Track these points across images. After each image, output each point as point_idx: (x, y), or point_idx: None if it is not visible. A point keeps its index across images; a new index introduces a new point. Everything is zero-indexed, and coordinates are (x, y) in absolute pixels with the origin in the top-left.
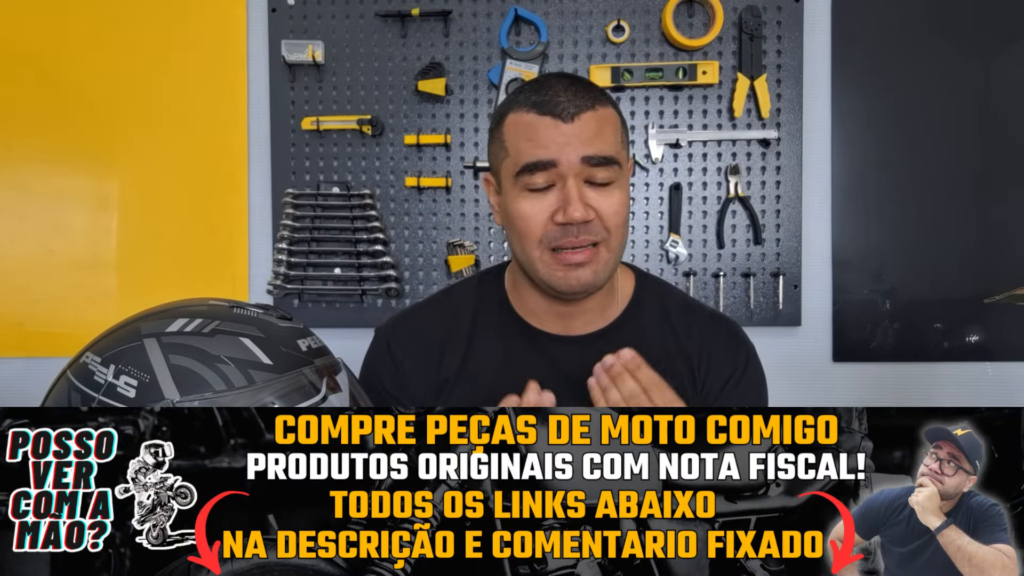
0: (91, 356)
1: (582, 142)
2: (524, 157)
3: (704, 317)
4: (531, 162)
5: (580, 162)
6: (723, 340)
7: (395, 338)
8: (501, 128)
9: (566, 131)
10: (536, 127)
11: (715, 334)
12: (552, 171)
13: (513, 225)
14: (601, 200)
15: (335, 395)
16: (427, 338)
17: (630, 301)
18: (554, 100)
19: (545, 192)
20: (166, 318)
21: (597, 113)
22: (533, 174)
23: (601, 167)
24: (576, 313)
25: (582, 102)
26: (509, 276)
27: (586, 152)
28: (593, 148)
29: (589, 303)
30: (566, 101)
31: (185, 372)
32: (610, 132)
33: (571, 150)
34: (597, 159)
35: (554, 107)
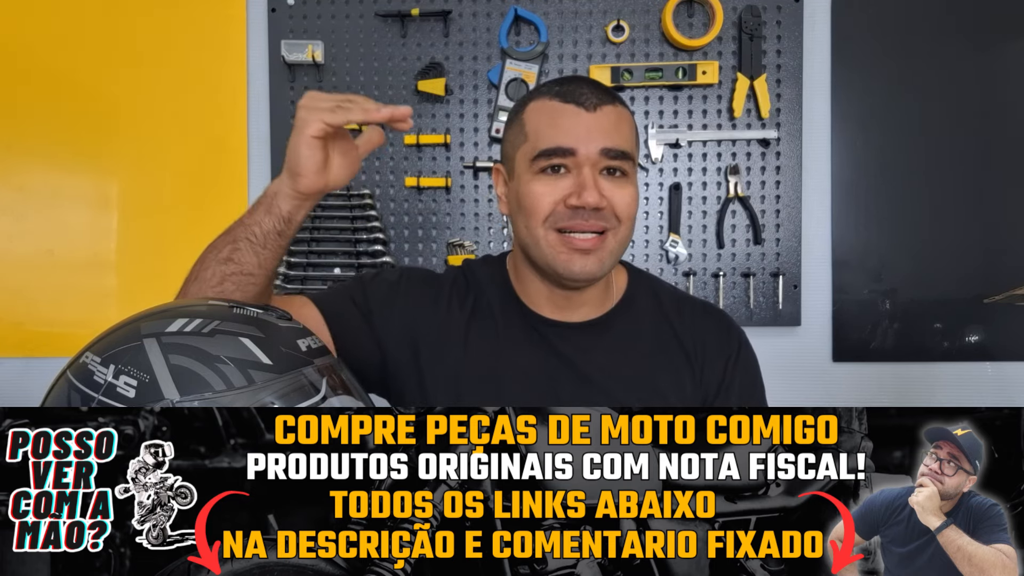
0: (91, 356)
1: (603, 133)
2: (544, 142)
3: (696, 308)
4: (551, 147)
5: (599, 152)
6: (715, 329)
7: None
8: (522, 114)
9: (588, 120)
10: (560, 113)
11: (707, 324)
12: (571, 158)
13: (522, 205)
14: (615, 191)
15: (335, 395)
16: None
17: (624, 294)
18: (578, 91)
19: (560, 176)
20: (166, 318)
21: (616, 109)
22: (551, 159)
23: (618, 159)
24: (575, 304)
25: (604, 96)
26: (511, 262)
27: (605, 144)
28: (612, 140)
29: (588, 294)
30: (589, 93)
31: (185, 372)
32: (627, 129)
33: (591, 139)
34: (615, 152)
35: (578, 96)
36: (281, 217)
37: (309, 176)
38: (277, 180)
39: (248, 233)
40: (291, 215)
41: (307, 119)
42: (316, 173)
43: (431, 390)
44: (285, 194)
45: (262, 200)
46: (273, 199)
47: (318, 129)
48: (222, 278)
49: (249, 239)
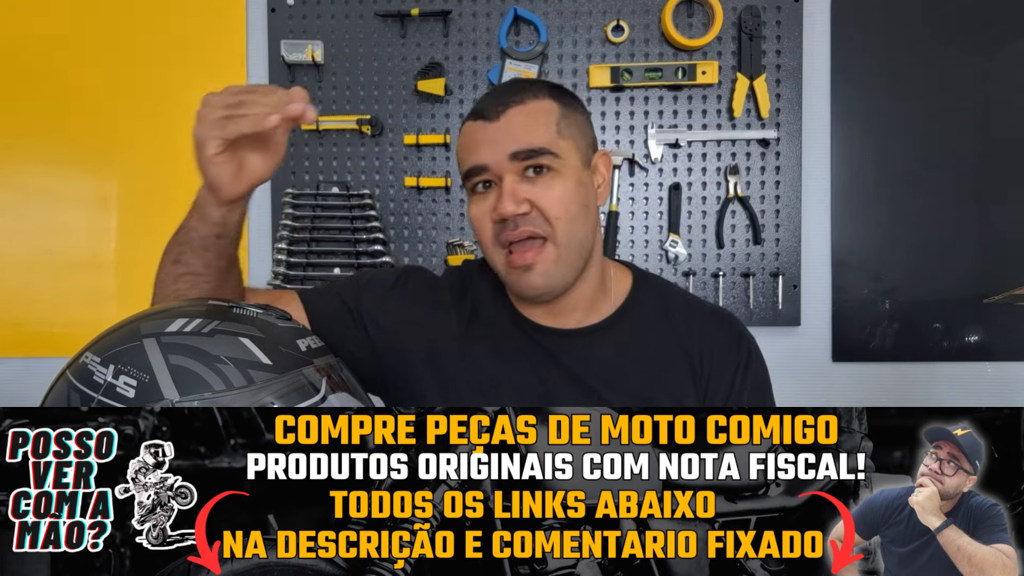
0: (90, 356)
1: (508, 138)
2: (464, 165)
3: (704, 314)
4: (468, 168)
5: (508, 159)
6: (724, 337)
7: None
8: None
9: (491, 130)
10: (470, 132)
11: (716, 331)
12: (488, 173)
13: (473, 230)
14: (538, 192)
15: (335, 395)
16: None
17: (626, 299)
18: (484, 104)
19: (488, 192)
20: (165, 318)
21: (526, 107)
22: (472, 179)
23: (532, 158)
24: (563, 310)
25: (510, 98)
26: None
27: (511, 147)
28: (518, 143)
29: (571, 300)
30: (493, 101)
31: (184, 372)
32: (542, 123)
33: (498, 148)
34: (524, 153)
35: (483, 110)
36: (214, 223)
37: (225, 187)
38: (202, 188)
39: (187, 238)
40: (224, 219)
41: (202, 138)
42: (232, 182)
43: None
44: (211, 202)
45: (194, 207)
46: (203, 206)
47: (216, 147)
48: (175, 278)
49: (190, 243)
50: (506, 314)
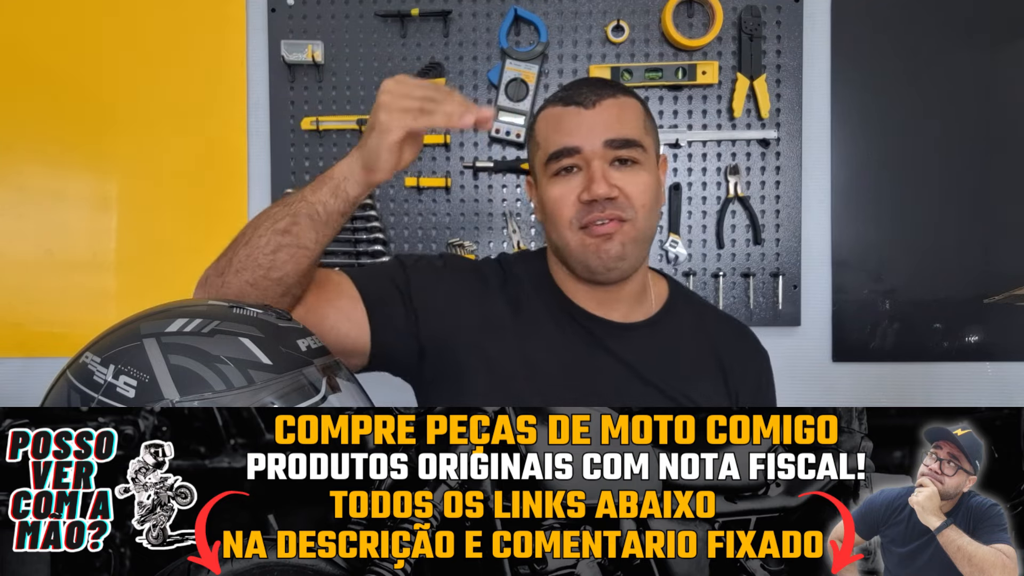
0: (90, 356)
1: (604, 126)
2: (552, 146)
3: (733, 330)
4: (557, 149)
5: (603, 145)
6: (750, 355)
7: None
8: (534, 126)
9: (588, 117)
10: (562, 117)
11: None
12: (577, 156)
13: (546, 210)
14: (625, 179)
15: (335, 395)
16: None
17: (666, 302)
18: (578, 92)
19: (573, 175)
20: (166, 318)
21: (618, 100)
22: (560, 160)
23: (624, 148)
24: (612, 300)
25: (604, 91)
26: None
27: (607, 135)
28: (614, 131)
29: (624, 292)
30: (588, 91)
31: (184, 372)
32: (631, 118)
33: (594, 134)
34: (618, 141)
35: (577, 97)
36: (348, 200)
37: (385, 172)
38: (346, 164)
39: (311, 211)
40: (357, 199)
41: (389, 125)
42: (392, 170)
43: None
44: (356, 181)
45: (327, 181)
46: (342, 183)
47: (401, 135)
48: (277, 247)
49: (311, 216)
50: (553, 300)
